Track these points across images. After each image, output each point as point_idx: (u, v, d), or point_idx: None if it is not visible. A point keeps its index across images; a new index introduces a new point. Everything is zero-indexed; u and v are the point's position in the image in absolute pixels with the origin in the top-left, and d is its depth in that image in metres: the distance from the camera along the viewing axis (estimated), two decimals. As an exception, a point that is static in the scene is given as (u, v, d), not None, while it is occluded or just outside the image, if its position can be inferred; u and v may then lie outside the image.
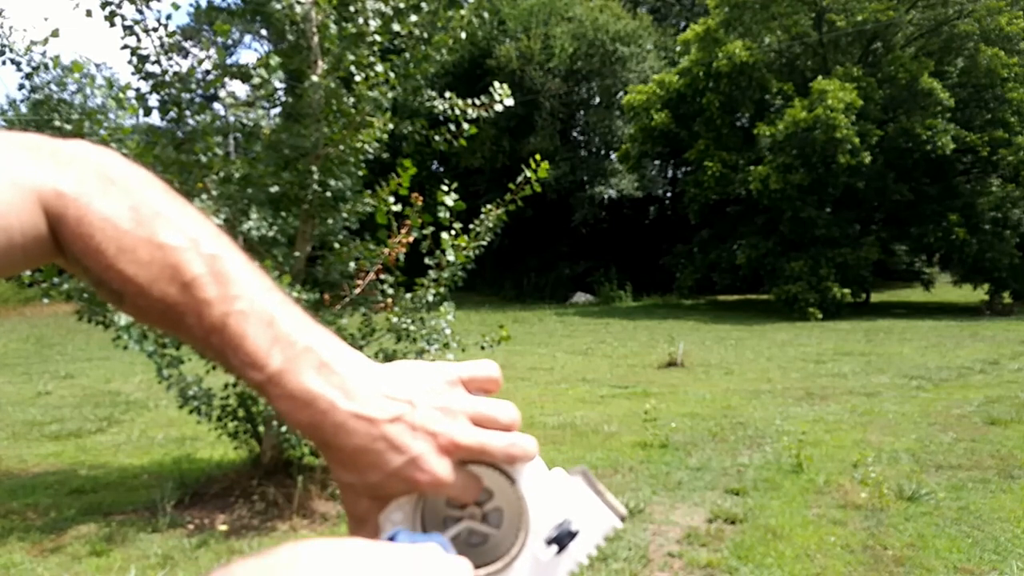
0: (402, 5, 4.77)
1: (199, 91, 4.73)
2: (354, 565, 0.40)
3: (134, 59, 4.62)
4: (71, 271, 0.52)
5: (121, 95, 4.69)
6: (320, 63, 4.70)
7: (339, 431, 0.49)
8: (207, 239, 0.50)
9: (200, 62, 4.74)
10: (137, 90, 4.74)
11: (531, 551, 0.50)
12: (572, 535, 0.50)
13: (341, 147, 4.64)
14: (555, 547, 0.50)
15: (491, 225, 4.90)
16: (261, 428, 4.98)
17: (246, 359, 0.49)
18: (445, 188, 4.74)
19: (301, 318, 0.51)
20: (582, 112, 28.33)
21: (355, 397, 0.49)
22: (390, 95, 4.70)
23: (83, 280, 0.51)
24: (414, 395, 0.50)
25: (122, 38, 4.60)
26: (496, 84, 5.05)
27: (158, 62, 4.62)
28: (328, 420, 0.49)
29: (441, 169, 26.13)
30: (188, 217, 0.51)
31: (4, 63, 4.68)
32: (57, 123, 4.44)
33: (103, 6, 4.53)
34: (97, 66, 34.13)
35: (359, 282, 4.86)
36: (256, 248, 4.56)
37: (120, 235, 0.48)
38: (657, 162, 28.07)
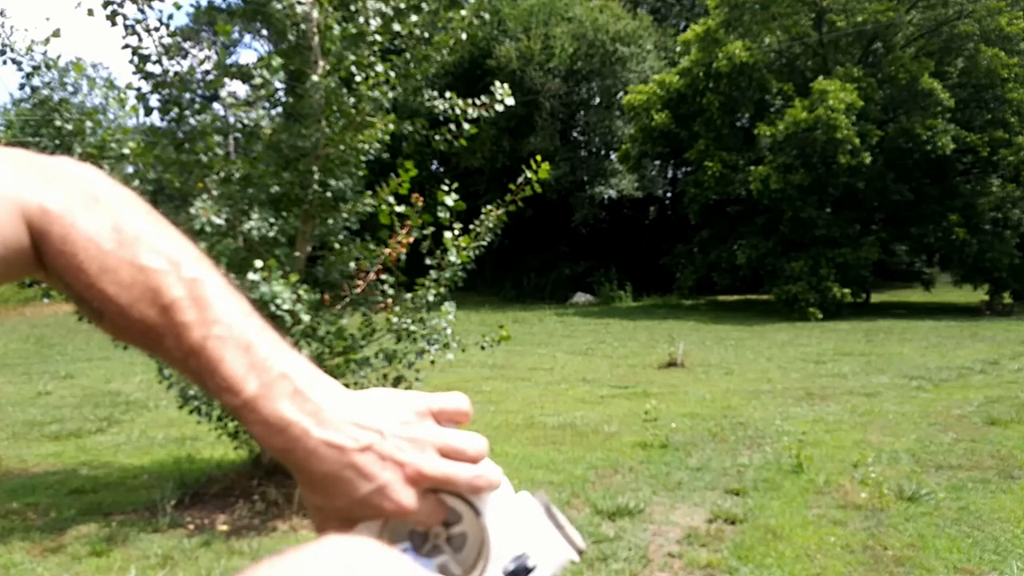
0: (403, 5, 4.77)
1: (200, 91, 4.73)
2: (379, 567, 0.43)
3: (135, 59, 4.62)
4: (52, 286, 0.53)
5: (123, 96, 4.69)
6: (321, 63, 4.70)
7: (310, 457, 0.50)
8: (188, 263, 0.51)
9: (201, 62, 4.75)
10: (138, 90, 4.74)
11: None
12: (528, 570, 0.52)
13: (342, 147, 4.64)
14: None
15: (491, 225, 4.90)
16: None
17: (223, 383, 0.50)
18: (445, 188, 4.74)
19: (278, 344, 0.53)
20: (582, 112, 28.32)
21: (327, 425, 0.50)
22: (390, 95, 4.70)
23: (64, 295, 0.52)
24: (384, 425, 0.52)
25: (123, 37, 4.60)
26: (497, 84, 5.05)
27: (159, 62, 4.62)
28: (300, 446, 0.50)
29: (441, 169, 26.13)
30: (170, 240, 0.52)
31: (5, 63, 4.68)
32: (58, 123, 4.44)
33: (105, 5, 4.53)
34: (94, 66, 34.10)
35: (359, 282, 4.86)
36: (257, 248, 4.56)
37: (103, 255, 0.49)
38: (657, 162, 28.06)
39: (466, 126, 5.01)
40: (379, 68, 4.63)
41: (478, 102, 5.01)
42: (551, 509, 0.55)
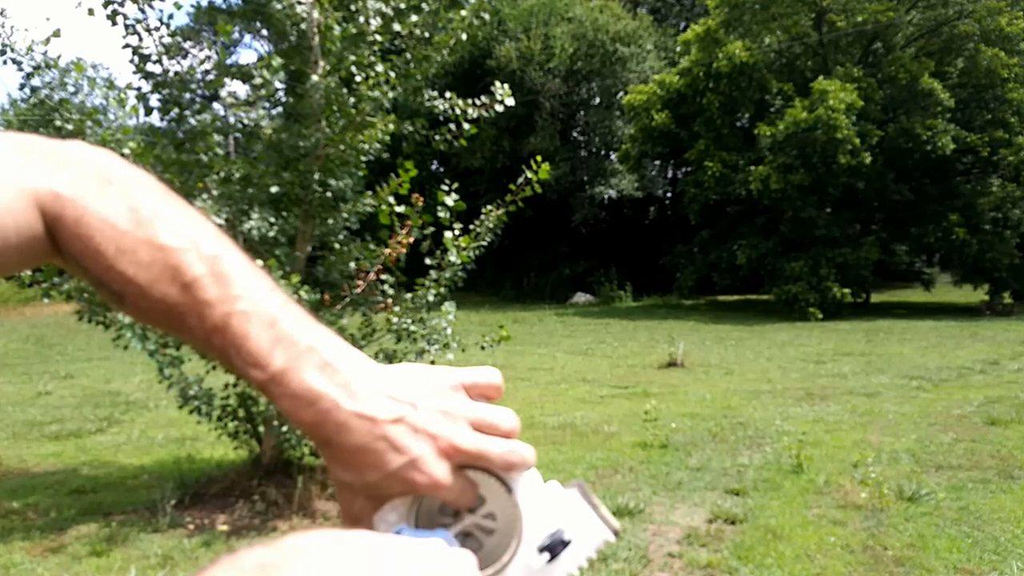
0: (403, 5, 4.77)
1: (200, 91, 4.73)
2: (361, 556, 0.41)
3: (135, 58, 4.63)
4: (70, 271, 0.52)
5: (123, 96, 4.69)
6: (321, 63, 4.70)
7: (341, 430, 0.49)
8: (207, 240, 0.51)
9: (201, 62, 4.75)
10: (138, 90, 4.74)
11: (523, 558, 0.51)
12: (564, 544, 0.51)
13: (342, 147, 4.64)
14: (547, 555, 0.50)
15: (491, 225, 4.90)
16: (261, 428, 4.99)
17: (248, 359, 0.49)
18: (445, 188, 4.74)
19: (303, 318, 0.51)
20: (582, 112, 28.33)
21: (358, 397, 0.49)
22: (390, 95, 4.70)
23: (83, 280, 0.52)
24: (417, 397, 0.51)
25: (123, 37, 4.61)
26: (497, 84, 5.05)
27: (159, 62, 4.62)
28: (330, 419, 0.49)
29: (441, 169, 26.13)
30: (188, 218, 0.51)
31: (5, 63, 4.68)
32: (58, 123, 4.44)
33: (105, 5, 4.53)
34: (94, 67, 34.10)
35: (359, 282, 4.86)
36: (257, 248, 4.56)
37: (119, 236, 0.49)
38: (657, 162, 28.07)
39: (466, 126, 5.01)
40: (379, 68, 4.63)
41: (478, 102, 5.01)
42: (585, 491, 0.53)
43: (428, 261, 4.86)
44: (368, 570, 0.40)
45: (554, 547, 0.50)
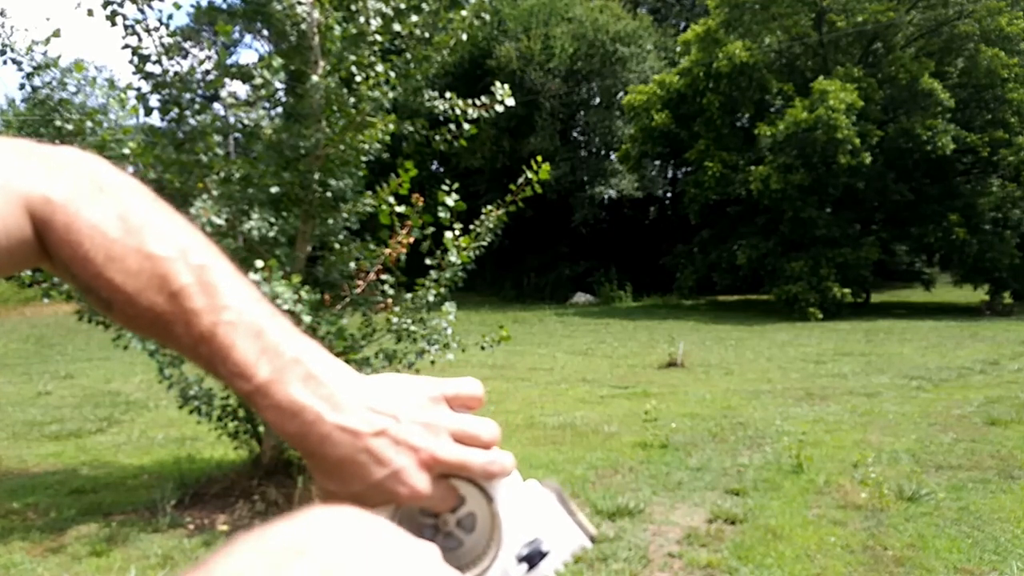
0: (403, 5, 4.77)
1: (200, 91, 4.73)
2: (382, 538, 0.42)
3: (135, 59, 4.62)
4: (59, 276, 0.52)
5: (123, 96, 4.69)
6: (321, 63, 4.70)
7: (324, 442, 0.50)
8: (196, 249, 0.51)
9: (201, 62, 4.75)
10: (138, 90, 4.74)
11: (502, 565, 0.52)
12: (543, 555, 0.52)
13: (342, 147, 4.64)
14: (526, 565, 0.52)
15: (491, 226, 4.90)
16: (261, 428, 4.99)
17: (234, 369, 0.50)
18: (446, 188, 4.74)
19: (289, 330, 0.52)
20: (582, 112, 28.32)
21: (341, 409, 0.50)
22: (390, 95, 4.70)
23: (71, 285, 0.52)
24: (399, 410, 0.52)
25: (123, 37, 4.60)
26: (497, 84, 5.05)
27: (159, 62, 4.62)
28: (314, 431, 0.50)
29: (441, 169, 26.13)
30: (177, 227, 0.52)
31: (5, 63, 4.68)
32: (58, 123, 4.44)
33: (104, 5, 4.53)
34: (98, 69, 34.10)
35: (359, 282, 4.86)
36: (257, 248, 4.56)
37: (109, 243, 0.49)
38: (657, 162, 28.06)
39: (466, 126, 5.01)
40: (379, 68, 4.63)
41: (478, 102, 5.01)
42: (563, 496, 0.55)
43: (428, 261, 4.86)
44: (389, 551, 0.41)
45: (533, 557, 0.52)
